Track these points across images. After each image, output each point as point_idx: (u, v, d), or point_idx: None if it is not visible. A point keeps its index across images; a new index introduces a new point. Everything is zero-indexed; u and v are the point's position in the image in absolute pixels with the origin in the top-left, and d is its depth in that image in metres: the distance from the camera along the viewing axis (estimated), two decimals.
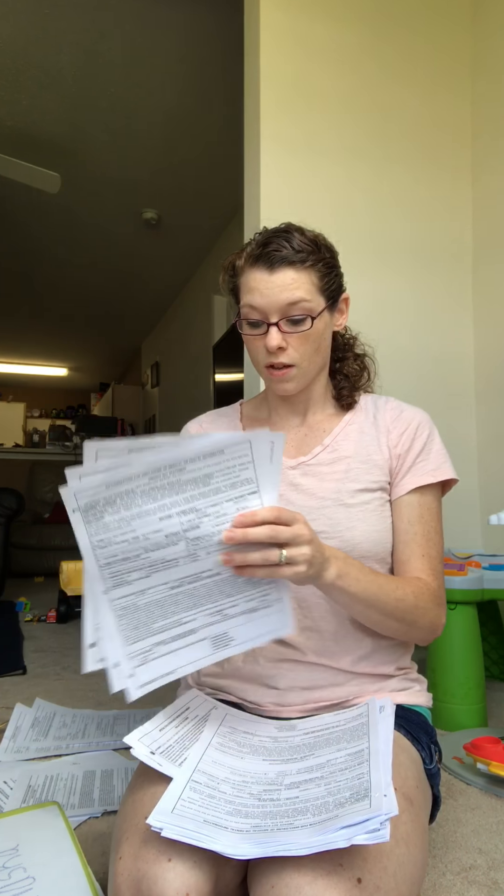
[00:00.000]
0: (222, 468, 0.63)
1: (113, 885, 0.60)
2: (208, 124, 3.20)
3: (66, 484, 0.62)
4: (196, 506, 0.63)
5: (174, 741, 0.72)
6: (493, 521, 1.31)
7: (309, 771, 0.66)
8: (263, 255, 0.82)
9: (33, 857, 0.87)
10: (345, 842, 0.52)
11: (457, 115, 2.26)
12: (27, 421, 8.19)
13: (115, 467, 0.61)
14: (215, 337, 4.48)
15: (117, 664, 0.65)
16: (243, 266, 0.86)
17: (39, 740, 1.44)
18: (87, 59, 2.74)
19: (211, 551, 0.64)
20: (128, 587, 0.64)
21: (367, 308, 2.04)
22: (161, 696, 1.83)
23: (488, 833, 1.02)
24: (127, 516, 0.62)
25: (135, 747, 0.68)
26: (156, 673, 0.67)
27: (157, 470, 0.62)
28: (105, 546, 0.63)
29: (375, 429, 0.91)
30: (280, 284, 0.82)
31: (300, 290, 0.82)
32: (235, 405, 1.03)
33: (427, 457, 0.89)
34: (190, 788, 0.63)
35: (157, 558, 0.63)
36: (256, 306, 0.83)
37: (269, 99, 1.99)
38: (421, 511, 0.88)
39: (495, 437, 2.11)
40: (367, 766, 0.63)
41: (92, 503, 0.62)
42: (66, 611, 3.01)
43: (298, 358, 0.85)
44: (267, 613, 0.68)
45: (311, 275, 0.83)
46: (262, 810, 0.60)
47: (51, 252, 4.73)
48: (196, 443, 0.62)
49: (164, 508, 0.62)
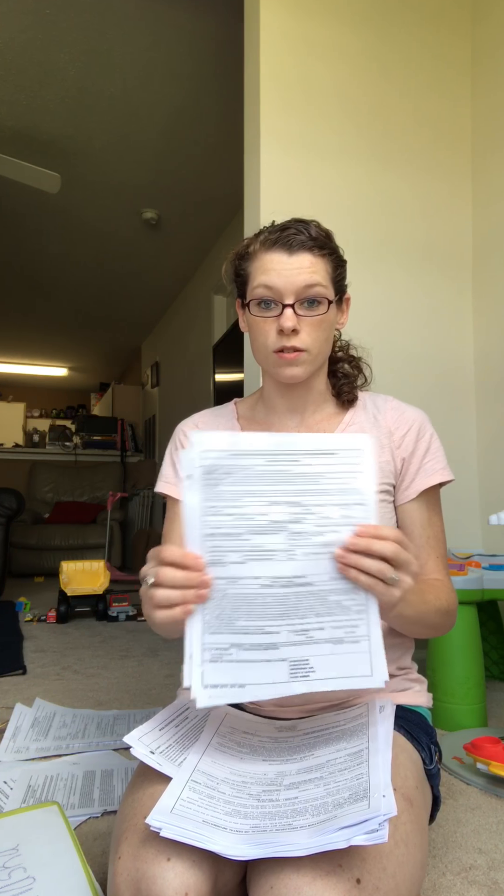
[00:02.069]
0: (333, 471, 0.63)
1: (112, 884, 0.60)
2: (208, 124, 3.20)
3: (190, 446, 0.62)
4: (303, 500, 0.63)
5: (174, 741, 0.72)
6: (493, 521, 1.31)
7: (308, 771, 0.66)
8: (282, 238, 0.83)
9: (33, 857, 0.87)
10: (344, 842, 0.52)
11: (457, 115, 2.26)
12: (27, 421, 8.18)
13: (238, 441, 0.63)
14: (215, 337, 4.48)
15: (191, 655, 0.63)
16: (258, 250, 0.85)
17: (39, 740, 1.44)
18: (88, 60, 2.74)
19: (308, 553, 0.63)
20: (222, 569, 0.63)
21: (367, 308, 2.04)
22: (161, 696, 1.83)
23: (488, 833, 1.02)
24: (240, 491, 0.63)
25: (134, 747, 0.68)
26: (226, 678, 0.63)
27: (274, 454, 0.63)
28: (214, 514, 0.63)
29: (377, 429, 0.91)
30: (298, 266, 0.82)
31: (317, 275, 0.82)
32: (229, 405, 1.01)
33: (432, 457, 0.90)
34: (189, 788, 0.63)
35: (257, 544, 0.63)
36: (272, 286, 0.82)
37: (269, 99, 1.99)
38: (429, 514, 0.90)
39: (495, 437, 2.11)
40: (367, 766, 0.63)
41: (213, 467, 0.62)
42: (66, 611, 3.01)
43: (310, 343, 0.84)
44: (353, 650, 0.65)
45: (327, 264, 0.84)
46: (261, 811, 0.60)
47: (51, 252, 4.73)
48: (311, 438, 0.63)
49: (275, 494, 0.63)
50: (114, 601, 3.11)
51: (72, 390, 9.69)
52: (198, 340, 4.95)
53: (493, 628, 1.95)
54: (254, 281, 0.84)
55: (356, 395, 0.94)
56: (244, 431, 0.94)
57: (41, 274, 5.18)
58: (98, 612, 3.06)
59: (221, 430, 0.97)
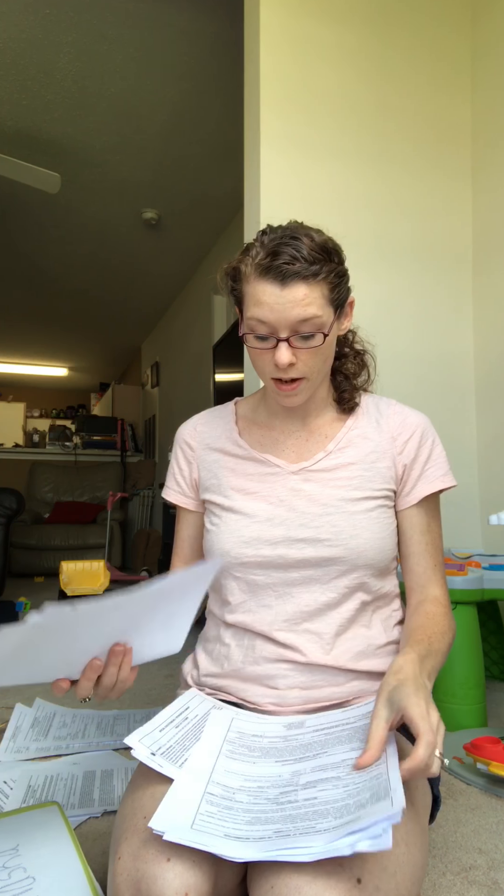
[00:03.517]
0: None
1: (112, 885, 0.60)
2: (208, 124, 3.20)
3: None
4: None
5: (175, 742, 0.71)
6: (493, 521, 1.31)
7: (324, 769, 0.66)
8: (274, 268, 0.77)
9: (33, 857, 0.87)
10: (348, 848, 0.52)
11: (457, 115, 2.26)
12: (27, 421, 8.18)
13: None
14: (215, 337, 4.48)
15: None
16: (249, 274, 0.80)
17: (39, 740, 1.44)
18: (88, 60, 2.74)
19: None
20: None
21: (367, 308, 2.04)
22: (161, 695, 1.83)
23: (488, 833, 1.02)
24: None
25: (135, 748, 0.67)
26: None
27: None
28: None
29: (379, 434, 0.90)
30: (292, 300, 0.77)
31: (312, 307, 0.78)
32: (230, 405, 1.01)
33: (434, 463, 0.90)
34: (206, 802, 0.62)
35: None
36: (265, 321, 0.79)
37: (269, 98, 1.99)
38: (428, 520, 0.90)
39: (495, 437, 2.11)
40: (385, 765, 0.62)
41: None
42: None
43: (308, 370, 0.82)
44: None
45: (323, 288, 0.79)
46: (281, 814, 0.60)
47: (51, 252, 4.73)
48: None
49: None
50: None
51: (72, 390, 9.69)
52: (198, 340, 4.95)
53: (493, 628, 1.95)
54: (247, 310, 0.81)
55: (356, 403, 0.93)
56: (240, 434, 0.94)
57: (41, 274, 5.18)
58: None
59: (219, 434, 0.96)
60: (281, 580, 0.85)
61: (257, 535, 0.85)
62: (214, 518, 0.91)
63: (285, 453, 0.91)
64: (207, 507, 0.94)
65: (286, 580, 0.85)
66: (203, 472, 0.95)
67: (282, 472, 0.89)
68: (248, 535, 0.86)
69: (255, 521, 0.86)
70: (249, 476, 0.90)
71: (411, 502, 0.89)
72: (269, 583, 0.85)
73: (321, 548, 0.83)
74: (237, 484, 0.90)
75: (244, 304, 0.83)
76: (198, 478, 0.96)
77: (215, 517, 0.91)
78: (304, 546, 0.84)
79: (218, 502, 0.91)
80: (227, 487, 0.91)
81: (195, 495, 0.97)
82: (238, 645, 0.87)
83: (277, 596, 0.86)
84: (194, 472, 0.96)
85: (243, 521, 0.87)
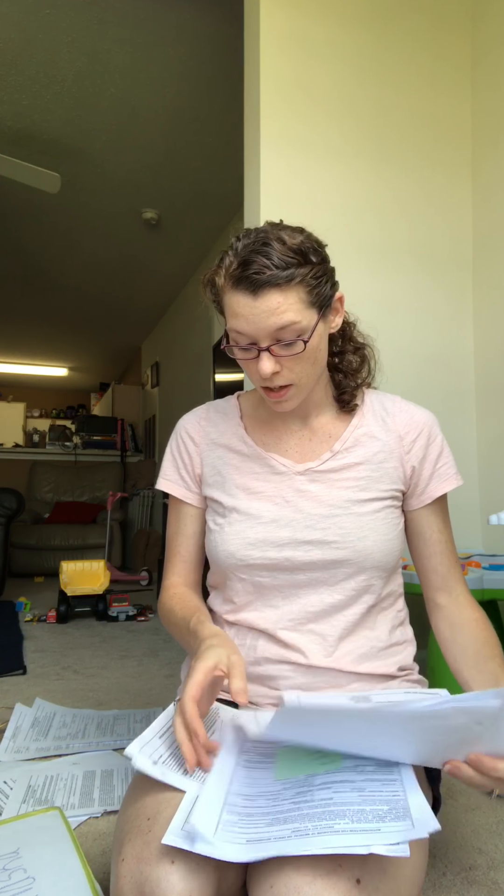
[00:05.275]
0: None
1: (115, 886, 0.59)
2: (208, 124, 3.20)
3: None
4: None
5: (175, 748, 0.70)
6: (493, 521, 1.31)
7: (339, 772, 0.65)
8: (244, 278, 0.75)
9: (33, 858, 0.87)
10: (363, 848, 0.52)
11: (457, 115, 2.26)
12: (27, 421, 8.18)
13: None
14: (215, 337, 4.48)
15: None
16: (224, 285, 0.79)
17: (39, 740, 1.44)
18: (88, 59, 2.74)
19: None
20: None
21: (367, 307, 2.03)
22: (161, 695, 1.83)
23: (488, 833, 1.02)
24: None
25: (136, 759, 0.66)
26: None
27: None
28: None
29: (386, 433, 0.89)
30: (266, 309, 0.75)
31: (289, 313, 0.75)
32: (232, 399, 0.99)
33: (444, 462, 0.90)
34: (227, 811, 0.62)
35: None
36: (243, 332, 0.77)
37: (269, 99, 1.99)
38: (443, 518, 0.91)
39: (495, 437, 2.11)
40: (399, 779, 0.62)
41: None
42: (66, 611, 3.01)
43: (295, 377, 0.81)
44: None
45: (299, 292, 0.76)
46: (299, 813, 0.59)
47: (51, 252, 4.73)
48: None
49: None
50: (114, 601, 3.11)
51: (72, 390, 9.68)
52: (198, 340, 4.95)
53: None
54: (227, 321, 0.80)
55: (357, 403, 0.92)
56: None
57: (41, 274, 5.18)
58: (98, 612, 3.06)
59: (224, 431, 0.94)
60: (288, 582, 0.84)
61: (263, 536, 0.84)
62: (218, 517, 0.90)
63: (289, 452, 0.90)
64: (210, 504, 0.93)
65: (293, 582, 0.84)
66: (206, 467, 0.93)
67: (287, 472, 0.88)
68: (253, 537, 0.85)
69: (260, 523, 0.85)
70: (255, 475, 0.89)
71: (425, 502, 0.88)
72: (276, 584, 0.85)
73: (328, 550, 0.83)
74: (242, 482, 0.89)
75: (224, 313, 0.82)
76: (200, 473, 0.94)
77: (219, 516, 0.89)
78: (310, 548, 0.83)
79: (222, 500, 0.89)
80: (232, 485, 0.89)
81: (198, 490, 0.95)
82: (240, 645, 0.87)
83: (284, 597, 0.85)
84: (197, 466, 0.94)
85: (248, 522, 0.86)
